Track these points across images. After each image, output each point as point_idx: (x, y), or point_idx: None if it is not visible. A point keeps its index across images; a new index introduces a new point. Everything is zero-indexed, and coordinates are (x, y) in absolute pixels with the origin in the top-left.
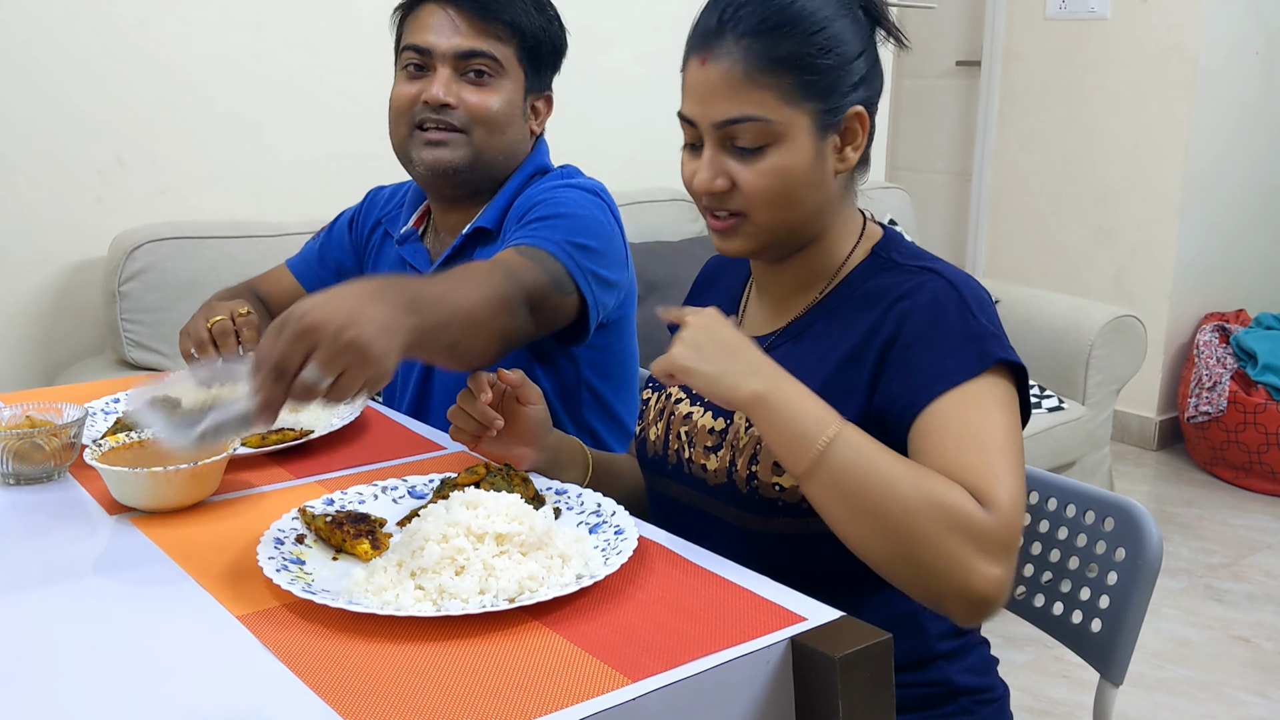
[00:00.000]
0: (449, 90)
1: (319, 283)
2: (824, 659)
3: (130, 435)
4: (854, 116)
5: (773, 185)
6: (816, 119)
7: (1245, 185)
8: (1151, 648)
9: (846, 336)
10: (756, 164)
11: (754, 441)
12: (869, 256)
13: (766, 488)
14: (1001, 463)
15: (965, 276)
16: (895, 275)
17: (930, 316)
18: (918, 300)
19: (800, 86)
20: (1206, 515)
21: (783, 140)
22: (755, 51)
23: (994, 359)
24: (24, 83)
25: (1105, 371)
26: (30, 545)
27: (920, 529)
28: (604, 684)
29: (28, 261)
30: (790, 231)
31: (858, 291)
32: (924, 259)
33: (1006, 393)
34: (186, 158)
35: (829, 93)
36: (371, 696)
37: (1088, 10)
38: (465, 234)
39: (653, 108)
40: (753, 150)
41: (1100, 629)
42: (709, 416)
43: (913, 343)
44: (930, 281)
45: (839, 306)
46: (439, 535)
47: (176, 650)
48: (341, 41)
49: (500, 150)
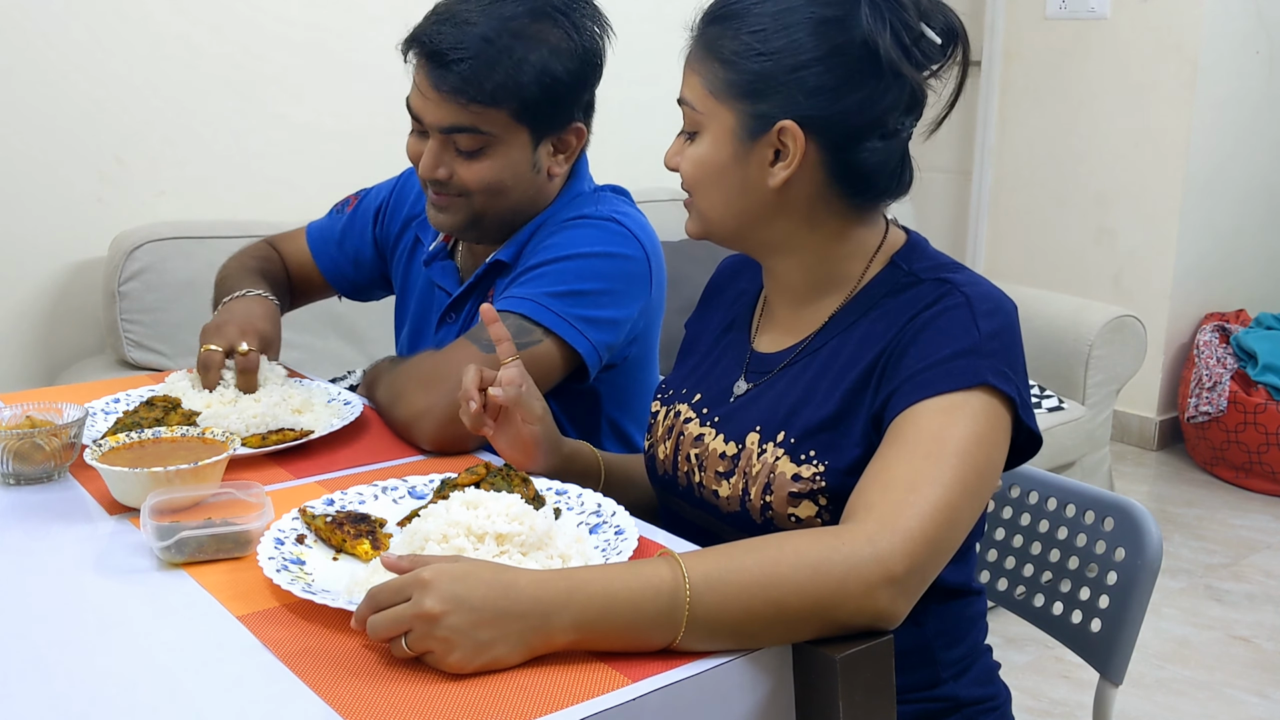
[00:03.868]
0: (439, 163)
1: (334, 266)
2: (824, 659)
3: (130, 435)
4: (786, 132)
5: (691, 171)
6: (740, 120)
7: (1245, 185)
8: (1151, 648)
9: (861, 355)
10: (689, 148)
11: (767, 470)
12: (887, 267)
13: (782, 519)
14: (926, 487)
15: (985, 291)
16: (914, 290)
17: (935, 326)
18: (926, 316)
19: (723, 83)
20: (1206, 515)
21: (706, 130)
22: (706, 38)
23: (982, 380)
24: (24, 83)
25: (1105, 371)
26: (30, 545)
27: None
28: (604, 684)
29: (28, 261)
30: (733, 226)
31: (875, 307)
32: (944, 268)
33: (989, 416)
34: (186, 158)
35: (755, 98)
36: (371, 696)
37: (1088, 10)
38: (487, 263)
39: (651, 106)
40: (690, 135)
41: (1100, 629)
42: (720, 440)
43: (910, 348)
44: (947, 296)
45: (856, 322)
46: (439, 535)
47: (176, 650)
48: (341, 42)
49: (508, 208)
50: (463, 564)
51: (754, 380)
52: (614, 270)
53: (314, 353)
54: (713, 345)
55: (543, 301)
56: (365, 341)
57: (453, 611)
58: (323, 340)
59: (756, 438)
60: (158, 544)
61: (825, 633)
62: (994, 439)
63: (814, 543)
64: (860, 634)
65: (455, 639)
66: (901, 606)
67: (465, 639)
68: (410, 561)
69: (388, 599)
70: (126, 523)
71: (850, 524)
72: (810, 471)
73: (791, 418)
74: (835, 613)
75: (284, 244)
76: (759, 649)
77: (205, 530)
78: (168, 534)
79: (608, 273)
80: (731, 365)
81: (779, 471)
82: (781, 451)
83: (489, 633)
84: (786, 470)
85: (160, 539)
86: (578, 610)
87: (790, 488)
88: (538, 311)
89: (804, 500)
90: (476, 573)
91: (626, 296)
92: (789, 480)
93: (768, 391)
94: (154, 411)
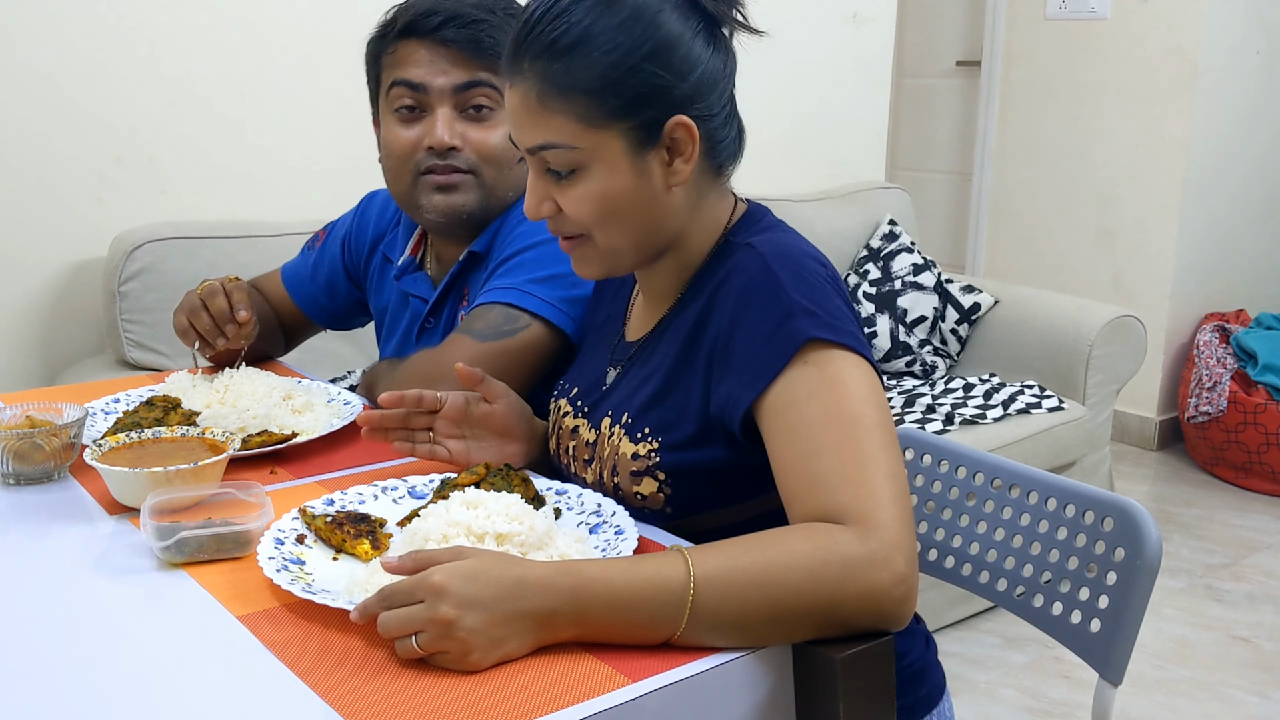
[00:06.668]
0: (452, 131)
1: (310, 300)
2: (824, 659)
3: (130, 435)
4: (678, 127)
5: (592, 210)
6: (628, 137)
7: (1245, 185)
8: (1151, 648)
9: (683, 330)
10: (571, 189)
11: (614, 451)
12: (721, 243)
13: (630, 497)
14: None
15: (785, 246)
16: (730, 260)
17: (740, 299)
18: (731, 284)
19: (599, 109)
20: (1206, 515)
21: (592, 163)
22: (549, 76)
23: (803, 338)
24: (24, 83)
25: (1105, 371)
26: (30, 545)
27: (820, 599)
28: (604, 684)
29: (28, 261)
30: (636, 249)
31: (706, 281)
32: (757, 231)
33: (834, 369)
34: (186, 158)
35: (640, 109)
36: (371, 696)
37: (1088, 10)
38: (461, 260)
39: None
40: (565, 174)
41: (1100, 629)
42: (586, 428)
43: (729, 333)
44: (745, 259)
45: (690, 300)
46: (439, 535)
47: (177, 650)
48: (341, 42)
49: (510, 186)
50: (470, 562)
51: (617, 366)
52: None
53: (314, 353)
54: (595, 338)
55: (525, 288)
56: (365, 341)
57: (467, 614)
58: (323, 340)
59: (609, 421)
60: (158, 544)
61: (829, 633)
62: (866, 383)
63: (808, 542)
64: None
65: (472, 640)
66: (910, 603)
67: (481, 639)
68: (413, 562)
69: (404, 599)
70: (126, 523)
71: (835, 527)
72: (645, 449)
73: (631, 399)
74: (835, 614)
75: (262, 285)
76: (762, 648)
77: (205, 530)
78: (168, 534)
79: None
80: (604, 355)
81: (621, 452)
82: (622, 432)
83: (502, 630)
84: (626, 450)
85: (160, 539)
86: (583, 605)
87: (631, 466)
88: (522, 299)
89: (644, 478)
90: (486, 571)
91: None
92: (629, 459)
93: (624, 376)
94: (154, 411)
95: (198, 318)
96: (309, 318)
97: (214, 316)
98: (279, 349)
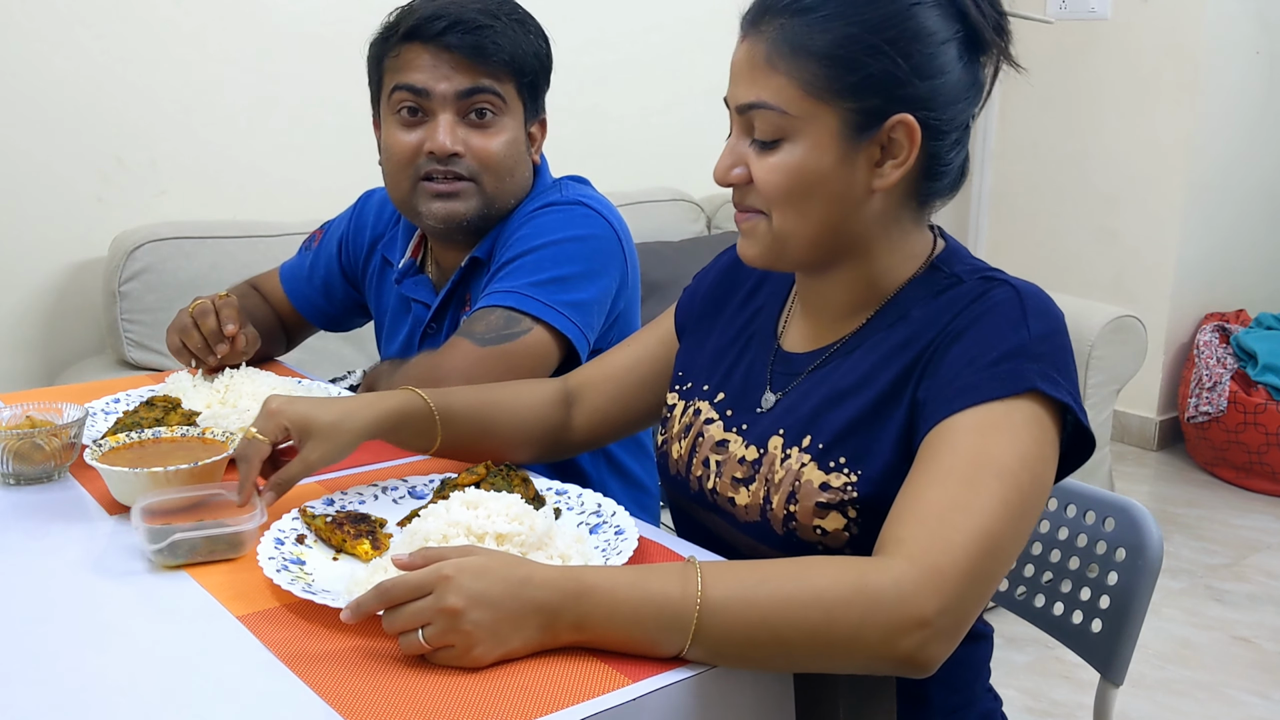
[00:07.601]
0: (454, 137)
1: (307, 301)
2: None
3: (130, 435)
4: (899, 126)
5: (782, 182)
6: (845, 119)
7: (1246, 185)
8: (1152, 648)
9: (898, 356)
10: (768, 157)
11: (792, 477)
12: (927, 270)
13: (807, 531)
14: (962, 517)
15: (1037, 290)
16: (957, 290)
17: (983, 321)
18: (975, 310)
19: (825, 79)
20: (1207, 515)
21: (800, 136)
22: (788, 33)
23: (1028, 386)
24: (24, 83)
25: (1105, 371)
26: (30, 545)
27: (833, 643)
28: (604, 684)
29: (28, 261)
30: (810, 244)
31: (916, 308)
32: (989, 270)
33: (1034, 428)
34: (186, 158)
35: (866, 93)
36: (371, 696)
37: (1088, 10)
38: (463, 267)
39: (655, 107)
40: (768, 143)
41: (1101, 629)
42: (741, 444)
43: (954, 344)
44: (996, 290)
45: (894, 324)
46: (439, 535)
47: (177, 650)
48: (341, 41)
49: (511, 194)
50: (479, 559)
51: (782, 387)
52: (587, 251)
53: (314, 353)
54: (734, 339)
55: (527, 292)
56: (366, 341)
57: (475, 607)
58: (323, 340)
59: (780, 442)
60: (150, 546)
61: (839, 671)
62: (1041, 454)
63: (835, 582)
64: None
65: (477, 634)
66: (935, 651)
67: (486, 633)
68: (423, 558)
69: (405, 594)
70: (126, 523)
71: (879, 560)
72: (840, 480)
73: (819, 421)
74: (849, 658)
75: (262, 284)
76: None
77: (198, 532)
78: (160, 536)
79: (582, 254)
80: (757, 365)
81: (805, 479)
82: (808, 457)
83: (507, 628)
84: (814, 478)
85: (152, 541)
86: (584, 611)
87: (818, 497)
88: (523, 302)
89: (832, 511)
90: (494, 569)
91: (603, 272)
92: (816, 489)
93: (793, 393)
94: (154, 411)
95: (189, 337)
96: (305, 317)
97: (205, 336)
98: (280, 349)
